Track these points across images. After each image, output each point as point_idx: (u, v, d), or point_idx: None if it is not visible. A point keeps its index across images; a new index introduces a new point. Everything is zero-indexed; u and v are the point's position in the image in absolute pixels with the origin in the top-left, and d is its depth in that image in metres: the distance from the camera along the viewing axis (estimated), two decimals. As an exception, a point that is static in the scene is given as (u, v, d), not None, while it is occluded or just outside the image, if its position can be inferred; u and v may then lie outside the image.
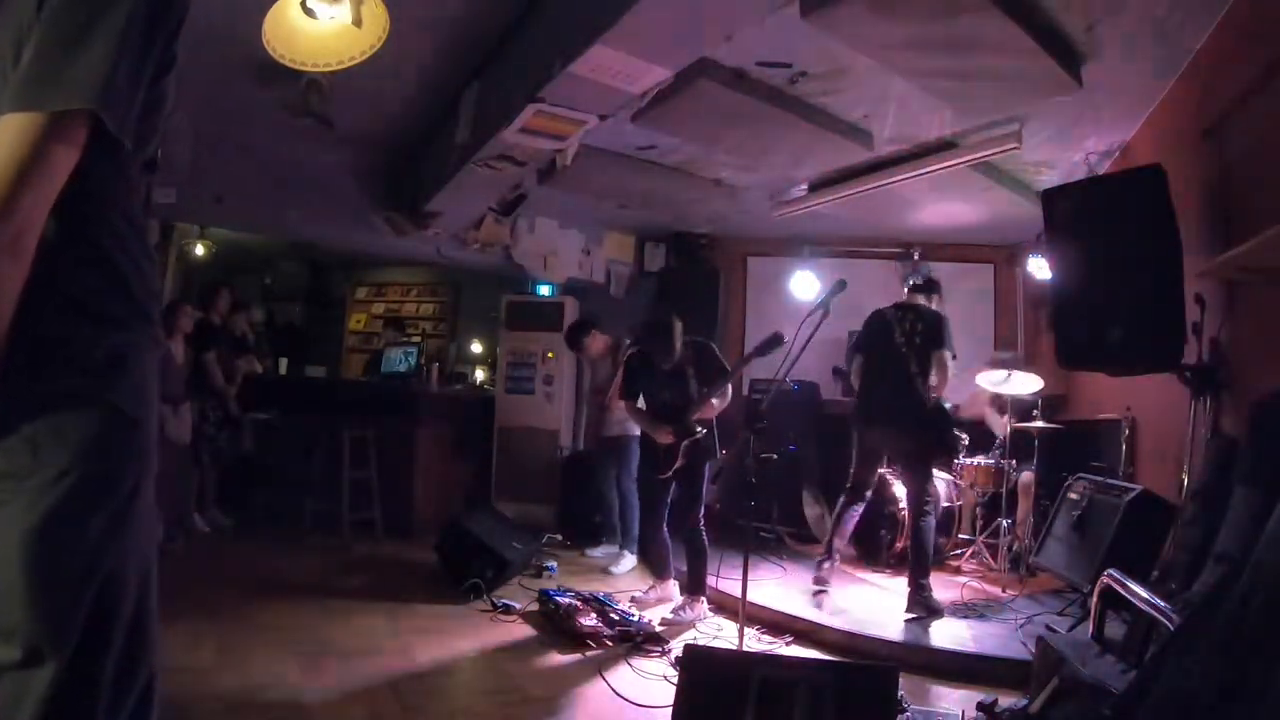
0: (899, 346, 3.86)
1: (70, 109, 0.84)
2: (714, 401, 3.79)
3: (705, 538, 3.82)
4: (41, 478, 0.88)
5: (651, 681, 2.97)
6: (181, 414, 4.58)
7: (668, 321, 3.91)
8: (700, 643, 3.35)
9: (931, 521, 3.83)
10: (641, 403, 4.06)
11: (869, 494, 4.07)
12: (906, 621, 3.60)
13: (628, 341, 5.12)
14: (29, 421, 0.88)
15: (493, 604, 3.79)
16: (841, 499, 4.04)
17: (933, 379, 3.78)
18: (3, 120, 0.84)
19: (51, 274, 0.88)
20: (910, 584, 3.70)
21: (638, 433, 4.96)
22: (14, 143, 0.82)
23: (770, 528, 5.41)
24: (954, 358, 3.85)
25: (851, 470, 4.03)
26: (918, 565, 3.72)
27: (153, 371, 1.02)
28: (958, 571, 4.62)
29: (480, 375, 7.62)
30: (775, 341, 3.38)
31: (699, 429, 3.79)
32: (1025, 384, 4.56)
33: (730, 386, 3.83)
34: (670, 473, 3.86)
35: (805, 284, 6.16)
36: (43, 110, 0.83)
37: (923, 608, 3.62)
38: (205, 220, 6.53)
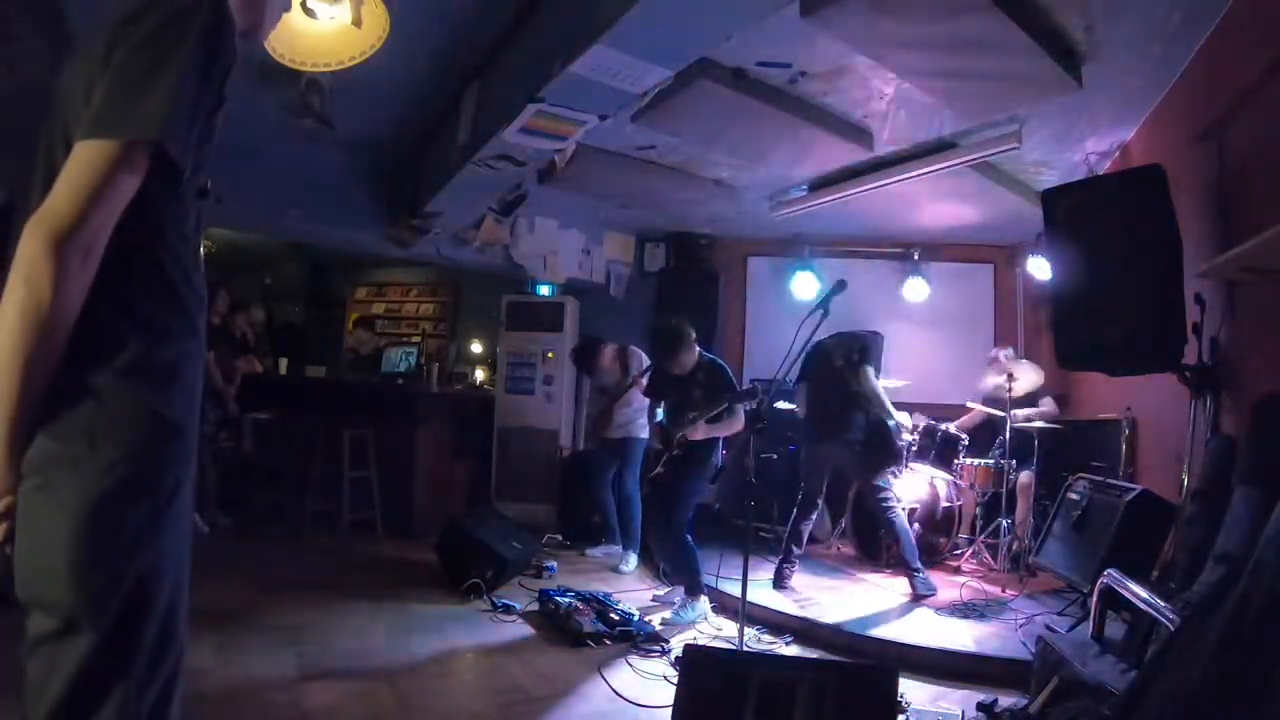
0: (839, 370, 4.28)
1: (138, 139, 0.98)
2: (703, 425, 3.74)
3: (687, 539, 3.79)
4: (94, 466, 0.97)
5: (651, 681, 2.97)
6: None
7: (670, 327, 3.95)
8: (700, 643, 3.35)
9: (899, 515, 4.19)
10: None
11: (819, 504, 4.44)
12: (907, 605, 3.91)
13: (631, 347, 5.15)
14: (88, 414, 0.98)
15: (493, 604, 3.80)
16: (795, 512, 4.32)
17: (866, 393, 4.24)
18: (79, 146, 0.98)
19: (114, 284, 1.00)
20: (906, 573, 4.08)
21: (642, 435, 4.99)
22: (89, 165, 0.97)
23: (770, 528, 5.41)
24: (876, 372, 4.37)
25: (802, 486, 4.36)
26: (907, 554, 4.08)
27: (198, 379, 1.13)
28: (957, 571, 4.61)
29: (480, 375, 7.62)
30: (751, 394, 3.62)
31: (676, 449, 3.82)
32: (1027, 376, 4.59)
33: (740, 414, 3.76)
34: (653, 475, 3.93)
35: (805, 284, 6.17)
36: (114, 139, 0.97)
37: (924, 587, 4.00)
38: (206, 220, 6.52)
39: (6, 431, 0.96)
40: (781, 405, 5.18)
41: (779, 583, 4.15)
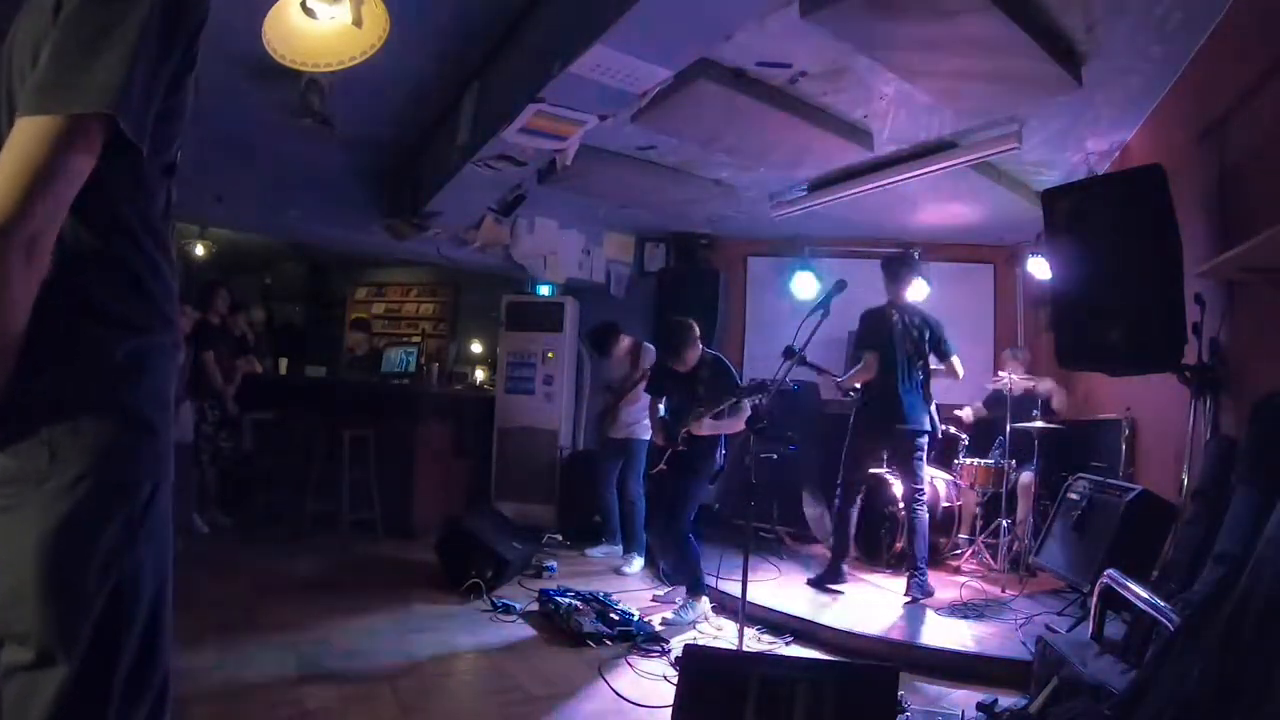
0: (908, 353, 4.10)
1: (86, 113, 0.84)
2: (708, 421, 3.77)
3: (690, 539, 3.81)
4: (58, 482, 0.88)
5: (651, 681, 2.97)
6: (181, 414, 4.58)
7: (677, 323, 3.99)
8: (700, 643, 3.35)
9: (924, 514, 4.09)
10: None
11: (862, 491, 4.33)
12: (905, 605, 3.87)
13: (646, 344, 5.15)
14: (46, 424, 0.88)
15: (493, 604, 3.80)
16: (839, 502, 4.24)
17: (944, 379, 4.15)
18: (19, 123, 0.84)
19: (68, 276, 0.89)
20: (909, 571, 4.00)
21: (645, 436, 4.98)
22: (30, 146, 0.83)
23: (770, 528, 5.41)
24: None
25: (843, 470, 4.24)
26: (917, 554, 3.99)
27: (172, 375, 1.03)
28: (957, 571, 4.61)
29: (480, 375, 7.62)
30: (759, 388, 3.46)
31: (681, 444, 3.84)
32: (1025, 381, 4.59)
33: (745, 409, 3.75)
34: (655, 471, 3.98)
35: (805, 284, 6.16)
36: (59, 114, 0.84)
37: (920, 590, 3.91)
38: (205, 220, 6.53)
39: None
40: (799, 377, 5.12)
41: (834, 580, 4.11)
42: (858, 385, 4.26)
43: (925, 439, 4.11)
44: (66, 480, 0.88)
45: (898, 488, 4.44)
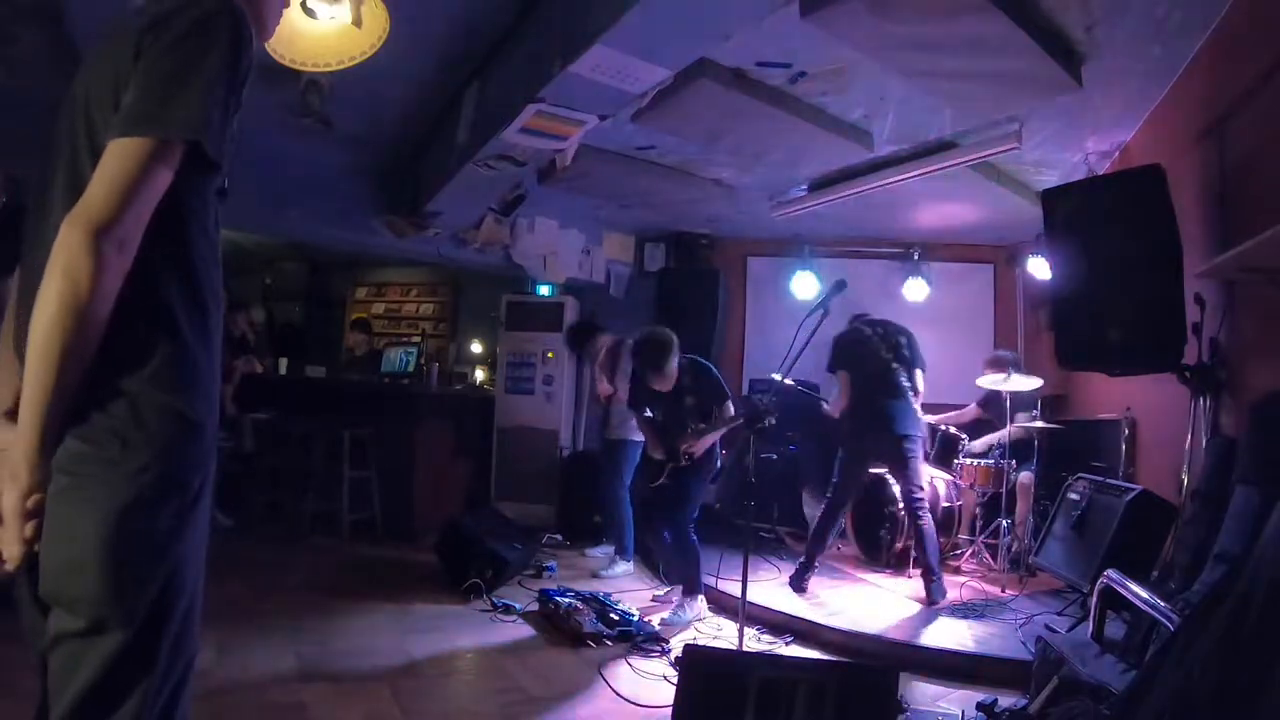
0: (887, 361, 4.12)
1: (173, 138, 1.01)
2: (707, 437, 3.77)
3: (693, 538, 3.81)
4: (125, 469, 0.99)
5: (651, 681, 2.97)
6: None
7: (657, 341, 3.81)
8: (700, 643, 3.35)
9: (929, 519, 4.08)
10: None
11: (849, 506, 4.34)
12: (908, 605, 3.90)
13: (629, 341, 5.13)
14: (118, 416, 1.00)
15: (493, 604, 3.80)
16: (823, 513, 4.24)
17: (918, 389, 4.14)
18: (113, 145, 1.00)
19: (142, 281, 1.02)
20: (925, 577, 3.96)
21: (634, 437, 4.95)
22: (126, 161, 0.99)
23: (770, 528, 5.41)
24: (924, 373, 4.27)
25: (836, 483, 4.24)
26: (930, 560, 3.95)
27: (216, 379, 1.16)
28: (958, 571, 4.61)
29: (480, 375, 7.61)
30: (757, 418, 3.20)
31: (685, 459, 3.82)
32: (1025, 384, 4.57)
33: (731, 409, 3.78)
34: (657, 483, 3.94)
35: (805, 284, 6.17)
36: (151, 136, 1.00)
37: (940, 593, 3.91)
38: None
39: (41, 423, 0.96)
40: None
41: (798, 586, 4.09)
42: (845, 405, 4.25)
43: (915, 441, 4.08)
44: (132, 468, 0.99)
45: (898, 488, 4.44)
